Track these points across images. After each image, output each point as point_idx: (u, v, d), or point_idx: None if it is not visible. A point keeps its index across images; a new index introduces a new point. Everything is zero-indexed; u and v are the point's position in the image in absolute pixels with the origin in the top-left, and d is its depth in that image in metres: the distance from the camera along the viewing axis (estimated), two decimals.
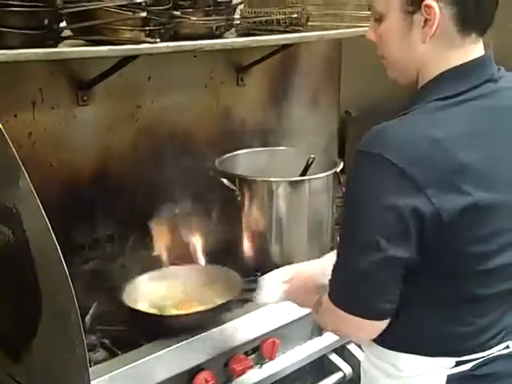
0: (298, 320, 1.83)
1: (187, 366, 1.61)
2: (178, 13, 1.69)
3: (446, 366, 1.30)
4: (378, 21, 1.30)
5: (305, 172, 2.12)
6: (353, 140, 2.83)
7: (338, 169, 2.09)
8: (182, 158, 2.17)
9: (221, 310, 1.71)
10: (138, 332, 1.67)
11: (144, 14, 1.53)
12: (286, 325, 1.80)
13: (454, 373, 1.30)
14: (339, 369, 1.95)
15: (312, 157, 2.12)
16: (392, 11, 1.26)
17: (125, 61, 1.84)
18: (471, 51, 1.26)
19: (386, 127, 1.22)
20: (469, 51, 1.26)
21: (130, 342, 1.63)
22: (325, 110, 2.77)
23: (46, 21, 1.45)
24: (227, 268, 1.87)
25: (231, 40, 1.92)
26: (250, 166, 2.22)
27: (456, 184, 1.17)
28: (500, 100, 1.28)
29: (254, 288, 1.65)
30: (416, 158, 1.17)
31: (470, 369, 1.30)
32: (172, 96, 2.27)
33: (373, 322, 1.28)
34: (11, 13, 1.39)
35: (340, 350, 1.98)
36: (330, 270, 1.32)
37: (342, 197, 2.15)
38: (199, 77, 2.35)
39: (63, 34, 1.56)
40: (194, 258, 1.95)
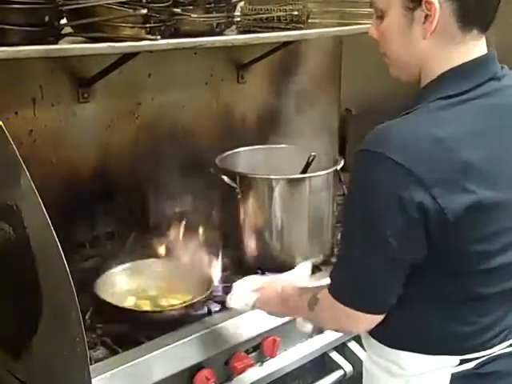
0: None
1: (188, 364, 1.61)
2: (178, 10, 1.69)
3: (451, 365, 1.30)
4: (379, 18, 1.30)
5: (305, 170, 2.12)
6: (353, 138, 2.83)
7: (339, 166, 2.09)
8: (182, 155, 2.17)
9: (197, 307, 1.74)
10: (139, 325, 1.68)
11: (144, 11, 1.53)
12: (286, 323, 1.79)
13: (457, 371, 1.30)
14: (340, 367, 1.95)
15: (312, 154, 2.12)
16: (393, 8, 1.26)
17: (125, 58, 1.84)
18: (473, 48, 1.26)
19: (389, 127, 1.22)
20: (471, 48, 1.26)
21: (130, 340, 1.63)
22: (325, 108, 2.77)
23: (47, 18, 1.45)
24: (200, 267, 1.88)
25: (231, 37, 1.92)
26: (250, 163, 2.22)
27: (460, 183, 1.17)
28: (503, 98, 1.28)
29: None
30: (420, 157, 1.17)
31: (473, 367, 1.30)
32: (172, 93, 2.27)
33: (372, 316, 1.29)
34: (12, 10, 1.38)
35: (341, 347, 1.97)
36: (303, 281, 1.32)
37: (342, 194, 2.16)
38: (199, 74, 2.35)
39: (64, 31, 1.56)
40: (194, 255, 1.95)
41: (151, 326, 1.67)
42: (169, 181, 2.03)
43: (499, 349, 1.32)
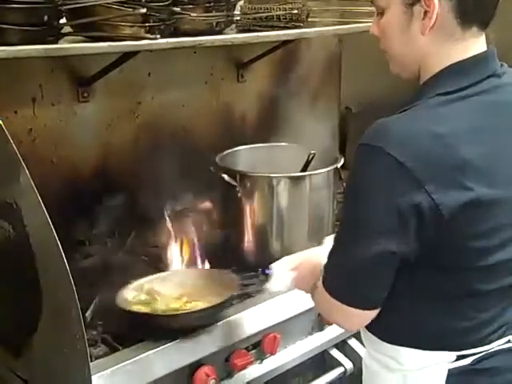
0: (299, 315, 1.84)
1: (188, 361, 1.61)
2: (178, 9, 1.69)
3: (447, 360, 1.30)
4: (380, 15, 1.31)
5: (305, 168, 2.12)
6: (353, 136, 2.83)
7: (339, 164, 2.09)
8: (182, 154, 2.17)
9: (221, 307, 1.71)
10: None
11: (144, 10, 1.54)
12: (286, 320, 1.80)
13: (454, 367, 1.30)
14: (340, 364, 1.95)
15: (312, 152, 2.12)
16: (393, 4, 1.27)
17: (125, 57, 1.84)
18: (473, 45, 1.26)
19: (388, 122, 1.22)
20: (470, 45, 1.26)
21: (130, 337, 1.63)
22: (325, 106, 2.77)
23: (46, 17, 1.46)
24: (223, 270, 1.87)
25: (231, 36, 1.92)
26: (250, 161, 2.22)
27: (458, 179, 1.17)
28: (503, 95, 1.28)
29: (253, 283, 1.66)
30: (418, 153, 1.17)
31: (470, 363, 1.30)
32: (172, 92, 2.27)
33: (361, 312, 1.28)
34: (11, 9, 1.39)
35: (341, 345, 1.98)
36: None
37: (342, 192, 2.16)
38: (199, 73, 2.36)
39: (63, 31, 1.56)
40: (195, 254, 1.96)
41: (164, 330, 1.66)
42: (169, 179, 2.03)
43: (497, 345, 1.32)
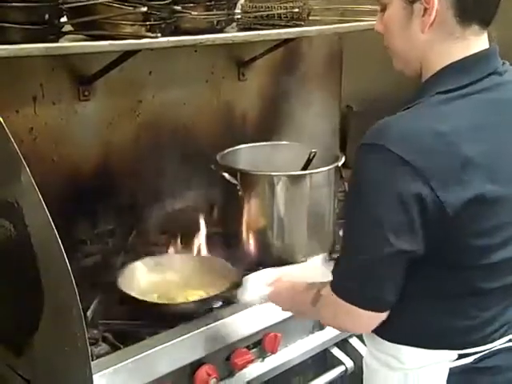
0: None
1: (189, 360, 1.61)
2: (178, 7, 1.69)
3: (449, 359, 1.30)
4: (383, 11, 1.33)
5: (306, 166, 2.12)
6: (354, 134, 2.83)
7: (340, 163, 2.09)
8: (183, 152, 2.18)
9: (208, 302, 1.75)
10: (140, 321, 1.69)
11: (145, 9, 1.53)
12: (287, 319, 1.79)
13: (456, 366, 1.30)
14: (341, 363, 1.95)
15: (313, 151, 2.12)
16: (395, 0, 1.28)
17: (126, 56, 1.84)
18: (474, 44, 1.26)
19: (390, 121, 1.23)
20: (472, 43, 1.26)
21: (131, 336, 1.63)
22: (326, 105, 2.77)
23: (47, 16, 1.45)
24: (225, 260, 1.88)
25: (232, 34, 1.92)
26: (251, 160, 2.22)
27: (460, 177, 1.18)
28: (504, 93, 1.28)
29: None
30: (420, 150, 1.17)
31: (472, 362, 1.30)
32: (173, 91, 2.27)
33: (373, 314, 1.28)
34: (12, 8, 1.39)
35: (342, 343, 1.98)
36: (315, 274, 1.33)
37: (343, 191, 2.16)
38: (200, 71, 2.35)
39: (64, 29, 1.56)
40: (195, 253, 1.96)
41: (160, 318, 1.69)
42: (169, 178, 2.03)
43: (499, 343, 1.32)
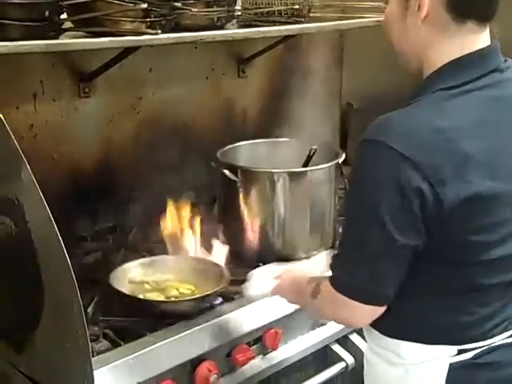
0: (301, 310, 1.83)
1: (190, 356, 1.61)
2: (179, 4, 1.68)
3: (448, 354, 1.31)
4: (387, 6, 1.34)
5: (306, 163, 2.12)
6: (355, 131, 2.83)
7: (340, 160, 2.09)
8: (183, 149, 2.18)
9: (209, 299, 1.74)
10: (141, 318, 1.69)
11: (145, 6, 1.53)
12: (288, 315, 1.80)
13: (456, 361, 1.31)
14: (341, 359, 1.95)
15: (314, 148, 2.12)
16: None
17: (126, 52, 1.84)
18: (474, 41, 1.27)
19: (390, 117, 1.23)
20: (471, 41, 1.26)
21: (132, 332, 1.64)
22: (327, 102, 2.76)
23: (47, 13, 1.45)
24: (213, 262, 1.88)
25: (232, 31, 1.91)
26: (251, 157, 2.22)
27: (459, 173, 1.18)
28: (505, 90, 1.29)
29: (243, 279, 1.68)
30: (420, 146, 1.18)
31: (472, 357, 1.31)
32: (173, 88, 2.27)
33: (372, 307, 1.29)
34: (12, 5, 1.38)
35: (342, 340, 1.97)
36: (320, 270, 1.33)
37: (344, 188, 2.16)
38: (200, 68, 2.35)
39: (64, 26, 1.56)
40: (195, 249, 1.96)
41: (157, 316, 1.69)
42: (170, 175, 2.03)
43: (499, 339, 1.33)
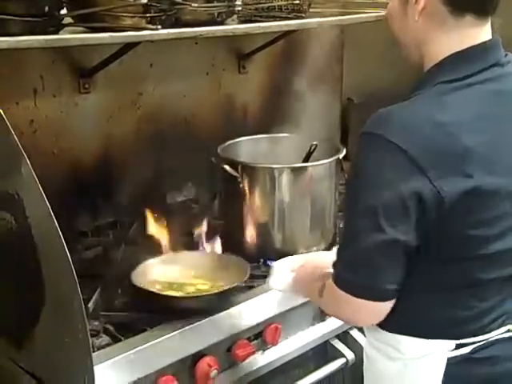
0: (301, 306, 1.84)
1: (190, 352, 1.61)
2: None
3: (446, 349, 1.31)
4: None
5: (307, 159, 2.12)
6: (355, 127, 2.83)
7: (341, 155, 2.09)
8: (183, 145, 2.18)
9: (228, 293, 1.73)
10: (142, 313, 1.69)
11: (145, 1, 1.53)
12: (288, 310, 1.80)
13: (454, 355, 1.31)
14: (342, 355, 1.95)
15: (314, 143, 2.12)
16: None
17: (126, 48, 1.84)
18: (474, 34, 1.26)
19: (390, 110, 1.23)
20: (471, 34, 1.26)
21: (133, 327, 1.64)
22: (327, 97, 2.77)
23: (47, 8, 1.45)
24: (236, 256, 1.88)
25: (233, 27, 1.91)
26: (252, 152, 2.22)
27: (459, 167, 1.18)
28: (506, 84, 1.29)
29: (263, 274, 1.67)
30: (420, 140, 1.18)
31: (469, 352, 1.31)
32: (174, 83, 2.27)
33: (376, 304, 1.28)
34: (12, 0, 1.38)
35: (342, 335, 1.98)
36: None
37: (344, 183, 2.16)
38: (201, 64, 2.35)
39: (64, 22, 1.56)
40: (196, 244, 1.96)
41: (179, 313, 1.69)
42: (170, 170, 2.03)
43: (497, 334, 1.33)
